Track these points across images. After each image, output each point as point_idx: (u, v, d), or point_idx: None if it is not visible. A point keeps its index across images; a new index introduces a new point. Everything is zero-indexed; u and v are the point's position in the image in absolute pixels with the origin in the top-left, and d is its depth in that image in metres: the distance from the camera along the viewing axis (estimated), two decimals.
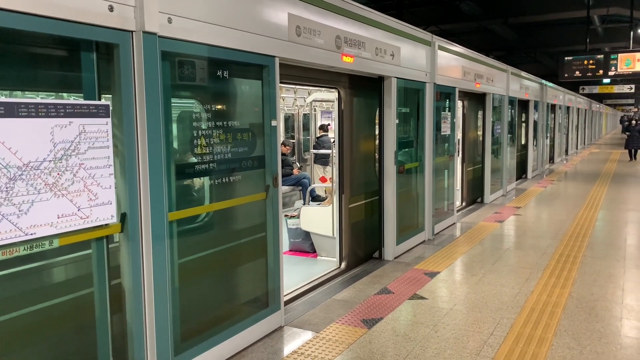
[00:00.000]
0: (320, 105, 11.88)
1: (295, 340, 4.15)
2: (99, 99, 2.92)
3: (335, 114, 5.91)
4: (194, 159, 3.58)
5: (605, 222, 8.52)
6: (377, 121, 6.46)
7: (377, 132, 6.48)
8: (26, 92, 3.32)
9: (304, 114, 11.79)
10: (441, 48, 7.51)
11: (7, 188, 2.46)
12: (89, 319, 3.04)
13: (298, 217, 7.06)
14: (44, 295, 2.92)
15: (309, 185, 9.76)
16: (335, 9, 4.94)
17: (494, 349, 3.94)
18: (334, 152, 6.09)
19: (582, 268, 5.93)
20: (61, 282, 3.08)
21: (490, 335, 4.17)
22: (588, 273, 5.75)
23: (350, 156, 5.95)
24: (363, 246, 6.37)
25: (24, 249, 2.58)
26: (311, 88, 8.99)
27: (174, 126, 3.48)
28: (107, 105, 2.88)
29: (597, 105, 39.25)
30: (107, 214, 2.90)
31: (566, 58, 15.02)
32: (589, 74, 14.76)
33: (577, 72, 14.84)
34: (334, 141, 7.30)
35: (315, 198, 10.05)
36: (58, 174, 2.66)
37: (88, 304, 3.03)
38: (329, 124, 11.75)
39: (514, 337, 4.14)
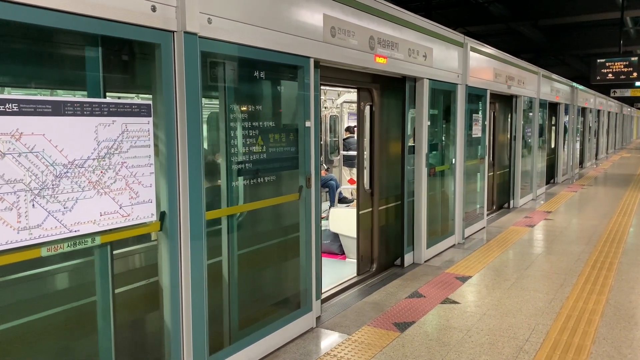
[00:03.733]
0: (348, 107, 11.84)
1: (327, 342, 4.13)
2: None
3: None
4: (230, 159, 3.59)
5: None
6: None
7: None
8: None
9: (331, 116, 11.77)
10: (473, 49, 7.42)
11: (53, 185, 2.50)
12: (125, 317, 3.08)
13: (327, 218, 7.04)
14: (81, 294, 2.96)
15: (336, 186, 9.73)
16: (369, 9, 4.92)
17: (530, 355, 3.86)
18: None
19: (618, 275, 5.78)
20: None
21: (526, 342, 4.09)
22: (625, 280, 5.60)
23: (380, 158, 5.91)
24: (393, 249, 6.32)
25: (68, 245, 2.61)
26: (342, 89, 8.98)
27: (212, 126, 3.50)
28: (149, 105, 2.91)
29: (629, 109, 38.37)
30: (148, 213, 2.92)
31: (599, 60, 14.71)
32: (622, 77, 14.43)
33: (610, 75, 14.52)
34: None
35: (342, 200, 10.02)
36: (101, 172, 2.69)
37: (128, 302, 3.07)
38: (355, 126, 11.70)
39: (550, 344, 4.05)
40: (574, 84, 15.61)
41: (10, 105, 2.33)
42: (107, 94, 3.05)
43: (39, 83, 2.89)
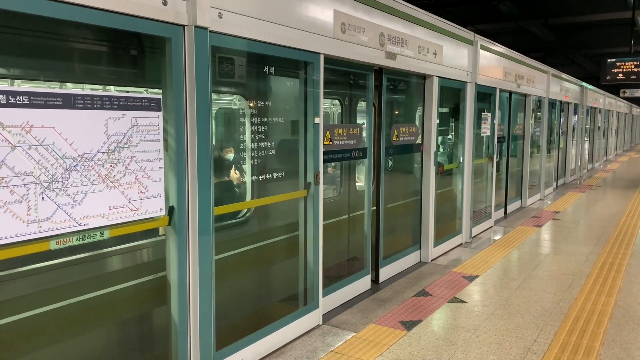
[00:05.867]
0: None
1: (333, 339, 4.12)
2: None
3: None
4: (239, 155, 3.58)
5: None
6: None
7: None
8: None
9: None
10: (483, 47, 7.37)
11: (62, 178, 2.50)
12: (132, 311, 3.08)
13: None
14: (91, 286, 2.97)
15: None
16: (380, 6, 4.89)
17: (538, 356, 3.83)
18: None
19: (627, 276, 5.74)
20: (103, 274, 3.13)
21: (533, 342, 4.06)
22: (634, 282, 5.55)
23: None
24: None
25: (77, 239, 2.61)
26: None
27: (221, 121, 3.49)
28: (159, 99, 2.90)
29: (638, 110, 38.07)
30: (156, 207, 2.92)
31: (609, 60, 14.59)
32: (633, 77, 14.30)
33: (620, 75, 14.40)
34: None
35: None
36: (111, 166, 2.69)
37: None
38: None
39: (558, 345, 4.02)
40: (584, 84, 15.49)
41: (20, 97, 2.32)
42: (116, 88, 3.05)
43: (47, 76, 2.89)
